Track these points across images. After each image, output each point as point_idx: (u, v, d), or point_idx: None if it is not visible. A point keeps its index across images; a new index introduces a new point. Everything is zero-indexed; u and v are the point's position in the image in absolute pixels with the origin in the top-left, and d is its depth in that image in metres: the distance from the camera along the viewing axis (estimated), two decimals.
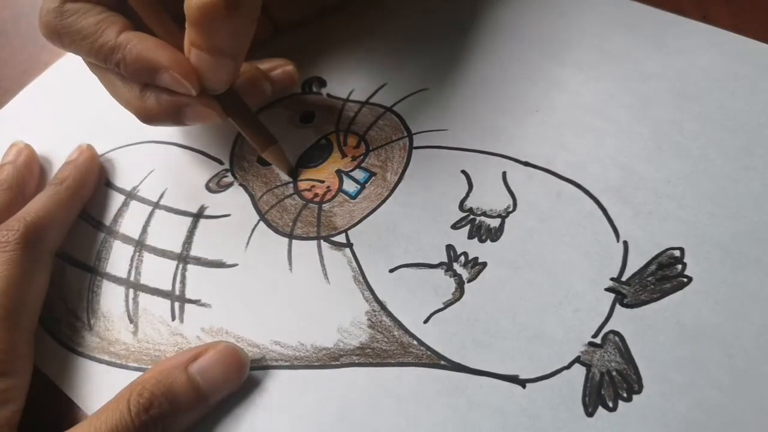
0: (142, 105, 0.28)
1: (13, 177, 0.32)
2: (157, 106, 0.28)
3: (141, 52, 0.26)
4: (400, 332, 0.26)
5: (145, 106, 0.28)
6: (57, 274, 0.30)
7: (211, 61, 0.26)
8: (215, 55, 0.26)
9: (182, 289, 0.29)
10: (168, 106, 0.28)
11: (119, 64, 0.27)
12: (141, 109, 0.28)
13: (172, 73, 0.26)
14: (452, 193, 0.29)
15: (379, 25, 0.36)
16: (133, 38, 0.27)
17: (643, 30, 0.33)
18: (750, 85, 0.30)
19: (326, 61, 0.35)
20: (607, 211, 0.28)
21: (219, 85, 0.28)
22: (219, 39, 0.26)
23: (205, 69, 0.26)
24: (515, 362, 0.25)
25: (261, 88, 0.31)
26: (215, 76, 0.27)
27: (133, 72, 0.27)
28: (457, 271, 0.27)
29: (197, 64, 0.26)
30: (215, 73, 0.27)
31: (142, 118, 0.29)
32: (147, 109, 0.28)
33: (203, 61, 0.26)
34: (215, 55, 0.26)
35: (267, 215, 0.30)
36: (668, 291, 0.25)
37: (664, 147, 0.29)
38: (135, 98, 0.28)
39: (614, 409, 0.23)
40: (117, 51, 0.27)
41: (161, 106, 0.28)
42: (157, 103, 0.28)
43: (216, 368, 0.25)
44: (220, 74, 0.27)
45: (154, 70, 0.27)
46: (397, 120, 0.32)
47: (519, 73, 0.33)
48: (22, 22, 0.44)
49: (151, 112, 0.28)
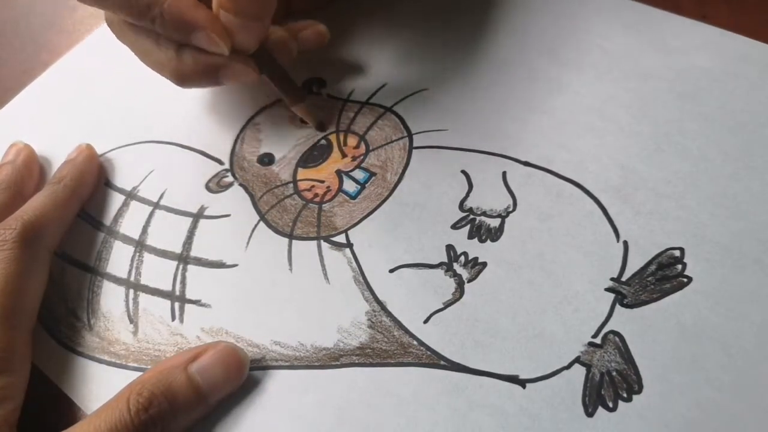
0: (178, 65, 0.29)
1: (12, 177, 0.32)
2: (194, 65, 0.28)
3: (179, 9, 0.27)
4: (400, 332, 0.26)
5: (182, 66, 0.29)
6: (57, 274, 0.30)
7: (239, 23, 0.27)
8: (242, 17, 0.27)
9: (182, 290, 0.29)
10: (206, 65, 0.28)
11: (155, 19, 0.27)
12: (177, 70, 0.29)
13: (209, 32, 0.27)
14: (452, 193, 0.29)
15: (379, 25, 0.36)
16: None
17: (643, 30, 0.33)
18: (750, 85, 0.30)
19: (326, 61, 0.35)
20: (607, 210, 0.28)
21: (248, 45, 0.29)
22: (245, 3, 0.27)
23: (234, 30, 0.27)
24: (515, 362, 0.25)
25: (288, 48, 0.32)
26: (244, 37, 0.28)
27: (170, 29, 0.27)
28: (457, 271, 0.27)
29: (226, 24, 0.27)
30: (244, 35, 0.28)
31: (178, 79, 0.29)
32: (183, 70, 0.29)
33: (231, 22, 0.27)
34: (242, 18, 0.27)
35: (267, 215, 0.30)
36: (668, 291, 0.25)
37: (664, 147, 0.29)
38: (170, 59, 0.29)
39: (614, 410, 0.23)
40: (154, 7, 0.27)
41: (198, 66, 0.28)
42: (194, 63, 0.28)
43: (216, 368, 0.25)
44: (249, 35, 0.28)
45: (191, 29, 0.27)
46: (397, 120, 0.32)
47: (519, 73, 0.33)
48: (22, 22, 0.44)
49: (187, 73, 0.29)
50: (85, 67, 0.39)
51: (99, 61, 0.39)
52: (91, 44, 0.40)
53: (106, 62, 0.38)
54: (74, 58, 0.40)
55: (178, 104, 0.35)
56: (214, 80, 0.29)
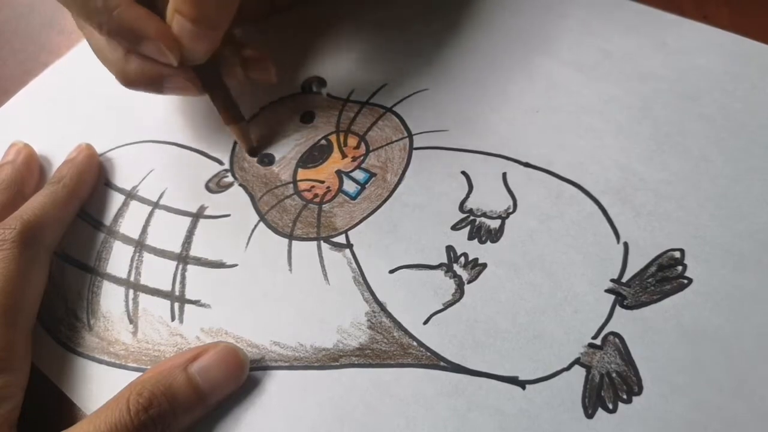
0: (124, 68, 0.28)
1: (11, 177, 0.32)
2: (139, 71, 0.28)
3: (128, 19, 0.26)
4: (399, 333, 0.26)
5: (127, 70, 0.28)
6: (57, 274, 0.30)
7: (193, 31, 0.27)
8: (198, 24, 0.26)
9: (182, 290, 0.29)
10: (150, 73, 0.28)
11: (102, 25, 0.27)
12: (123, 72, 0.29)
13: (157, 42, 0.27)
14: (452, 194, 0.29)
15: (379, 25, 0.36)
16: (121, 2, 0.26)
17: (644, 30, 0.33)
18: (750, 86, 0.30)
19: (326, 61, 0.35)
20: (608, 212, 0.28)
21: (198, 56, 0.28)
22: (204, 9, 0.26)
23: (187, 38, 0.27)
24: (515, 363, 0.25)
25: (234, 70, 0.31)
26: (196, 46, 0.27)
27: (117, 36, 0.27)
28: (457, 272, 0.27)
29: (179, 32, 0.27)
30: (196, 43, 0.27)
31: (123, 81, 0.29)
32: (128, 74, 0.29)
33: (185, 29, 0.27)
34: (198, 25, 0.26)
35: (267, 216, 0.30)
36: (668, 292, 0.25)
37: (664, 148, 0.29)
38: (118, 60, 0.28)
39: (614, 411, 0.23)
40: (103, 12, 0.26)
41: (143, 73, 0.28)
42: (139, 69, 0.28)
43: (215, 368, 0.25)
44: (201, 44, 0.27)
45: (139, 39, 0.27)
46: (397, 120, 0.32)
47: (519, 74, 0.33)
48: (22, 22, 0.44)
49: (132, 77, 0.29)
50: (85, 67, 0.39)
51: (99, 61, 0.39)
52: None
53: None
54: (74, 58, 0.40)
55: (177, 104, 0.35)
56: (158, 89, 0.29)
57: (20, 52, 0.42)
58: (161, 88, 0.29)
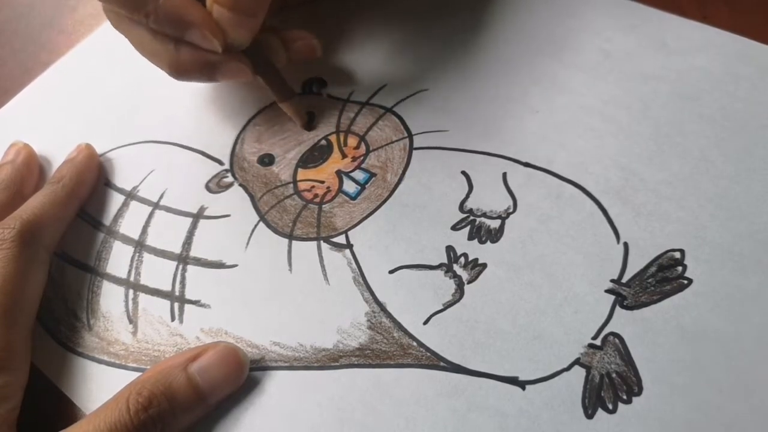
0: (176, 59, 0.29)
1: (11, 177, 0.32)
2: (191, 61, 0.29)
3: (174, 6, 0.27)
4: (399, 333, 0.26)
5: (179, 60, 0.29)
6: (57, 274, 0.30)
7: (232, 18, 0.27)
8: (236, 12, 0.27)
9: (182, 290, 0.29)
10: (203, 61, 0.29)
11: (149, 15, 0.27)
12: (175, 63, 0.29)
13: (202, 29, 0.27)
14: (452, 194, 0.29)
15: (379, 25, 0.36)
16: None
17: (644, 30, 0.33)
18: (750, 86, 0.30)
19: (326, 61, 0.35)
20: (608, 212, 0.28)
21: (241, 41, 0.29)
22: None
23: (227, 25, 0.28)
24: (515, 364, 0.25)
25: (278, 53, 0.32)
26: (236, 33, 0.28)
27: (164, 25, 0.27)
28: (457, 273, 0.27)
29: (219, 20, 0.27)
30: (236, 30, 0.28)
31: (175, 71, 0.29)
32: (181, 64, 0.29)
33: (224, 17, 0.27)
34: (236, 12, 0.27)
35: (267, 216, 0.30)
36: (668, 293, 0.25)
37: (664, 148, 0.29)
38: (168, 52, 0.29)
39: (614, 411, 0.23)
40: (149, 2, 0.27)
41: (195, 62, 0.29)
42: (191, 58, 0.29)
43: (215, 368, 0.25)
44: (241, 31, 0.28)
45: (185, 26, 0.27)
46: (397, 121, 0.32)
47: (519, 74, 0.32)
48: (22, 22, 0.44)
49: (184, 67, 0.29)
50: (85, 67, 0.39)
51: (99, 61, 0.39)
52: (91, 44, 0.40)
53: (106, 62, 0.38)
54: (74, 58, 0.40)
55: (178, 104, 0.35)
56: (211, 76, 0.30)
57: (20, 52, 0.42)
58: (214, 74, 0.29)
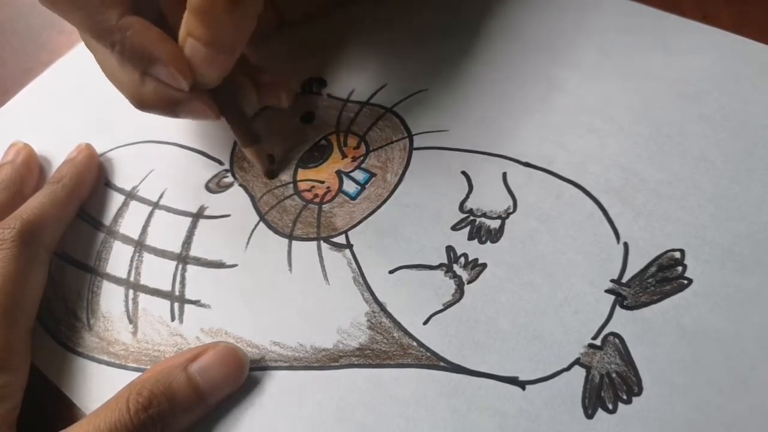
0: (138, 91, 0.27)
1: (11, 177, 0.32)
2: (154, 95, 0.27)
3: (141, 40, 0.25)
4: (399, 333, 0.26)
5: (142, 92, 0.27)
6: (57, 274, 0.30)
7: (207, 55, 0.25)
8: (212, 48, 0.25)
9: (182, 290, 0.29)
10: (165, 97, 0.27)
11: (115, 45, 0.26)
12: (137, 94, 0.27)
13: (169, 66, 0.26)
14: (452, 194, 0.29)
15: (379, 25, 0.36)
16: (135, 23, 0.25)
17: (643, 30, 0.33)
18: (750, 86, 0.30)
19: (326, 61, 0.35)
20: (608, 212, 0.28)
21: (210, 80, 0.27)
22: (219, 32, 0.25)
23: (199, 62, 0.26)
24: (515, 364, 0.25)
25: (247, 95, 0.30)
26: (209, 70, 0.26)
27: (129, 58, 0.26)
28: (457, 273, 0.27)
29: (191, 56, 0.26)
30: (209, 67, 0.26)
31: (137, 104, 0.28)
32: (143, 96, 0.27)
33: (198, 53, 0.25)
34: (212, 49, 0.25)
35: (267, 216, 0.30)
36: (668, 293, 0.25)
37: (664, 148, 0.29)
38: (132, 83, 0.27)
39: (614, 411, 0.23)
40: (116, 32, 0.25)
41: (158, 96, 0.27)
42: (154, 93, 0.27)
43: (215, 368, 0.25)
44: (215, 69, 0.26)
45: (152, 61, 0.26)
46: (397, 121, 0.32)
47: (519, 74, 0.32)
48: (22, 22, 0.44)
49: (146, 100, 0.27)
50: (85, 67, 0.39)
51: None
52: None
53: None
54: (74, 58, 0.40)
55: None
56: (173, 113, 0.28)
57: (20, 52, 0.42)
58: (177, 112, 0.28)
